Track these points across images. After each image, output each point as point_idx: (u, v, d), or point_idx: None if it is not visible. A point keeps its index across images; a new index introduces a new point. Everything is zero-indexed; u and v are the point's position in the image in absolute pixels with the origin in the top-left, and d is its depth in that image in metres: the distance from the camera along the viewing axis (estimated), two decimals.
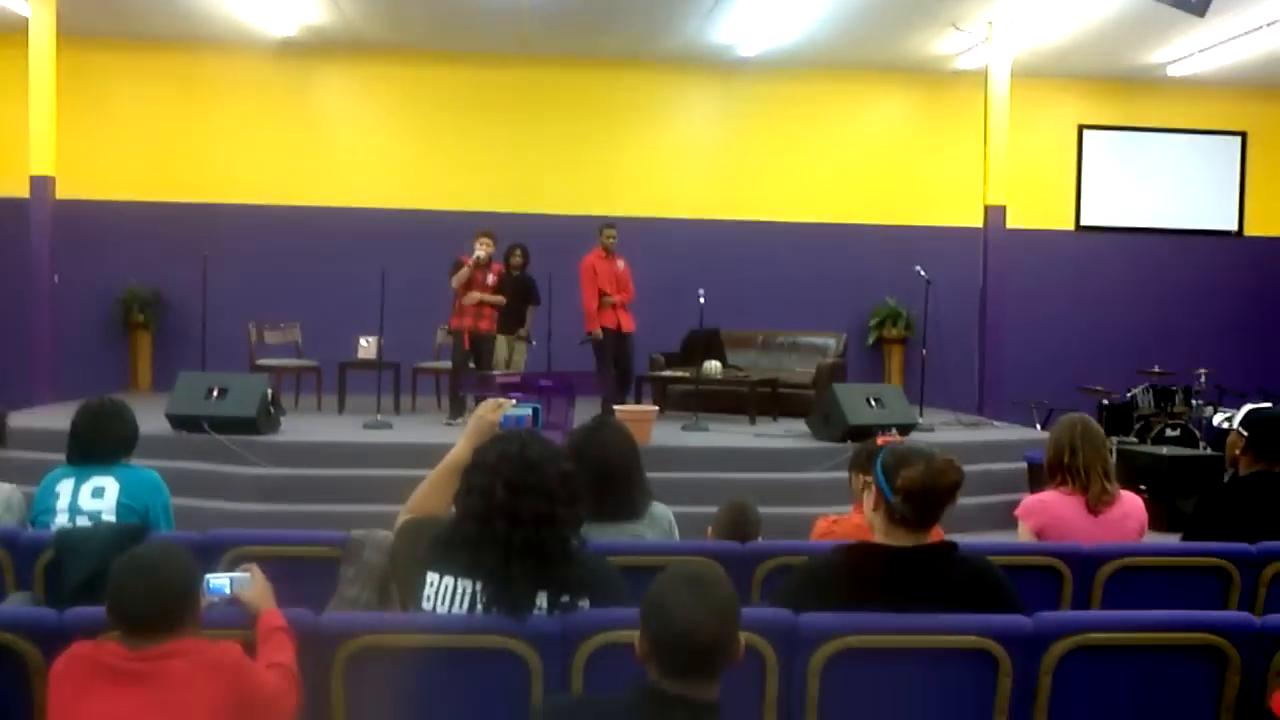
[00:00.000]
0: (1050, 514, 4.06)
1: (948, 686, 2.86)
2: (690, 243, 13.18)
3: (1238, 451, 4.44)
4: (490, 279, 10.17)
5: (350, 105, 13.59)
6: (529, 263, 10.98)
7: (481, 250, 10.07)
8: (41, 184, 11.02)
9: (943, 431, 10.14)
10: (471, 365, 10.21)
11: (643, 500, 3.77)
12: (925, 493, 2.83)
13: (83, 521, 3.97)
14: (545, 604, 2.70)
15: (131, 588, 2.52)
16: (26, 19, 10.94)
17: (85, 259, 12.26)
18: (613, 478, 3.65)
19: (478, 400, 7.56)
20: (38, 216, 11.06)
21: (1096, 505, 4.01)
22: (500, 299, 10.26)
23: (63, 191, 11.30)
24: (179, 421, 8.62)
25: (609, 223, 10.79)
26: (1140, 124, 14.29)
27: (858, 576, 2.88)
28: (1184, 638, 2.91)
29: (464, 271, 10.06)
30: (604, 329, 10.37)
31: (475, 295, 10.09)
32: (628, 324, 10.54)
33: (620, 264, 10.59)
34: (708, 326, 11.03)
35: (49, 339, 11.15)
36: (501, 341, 10.71)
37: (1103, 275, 14.08)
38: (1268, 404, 9.34)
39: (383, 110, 13.56)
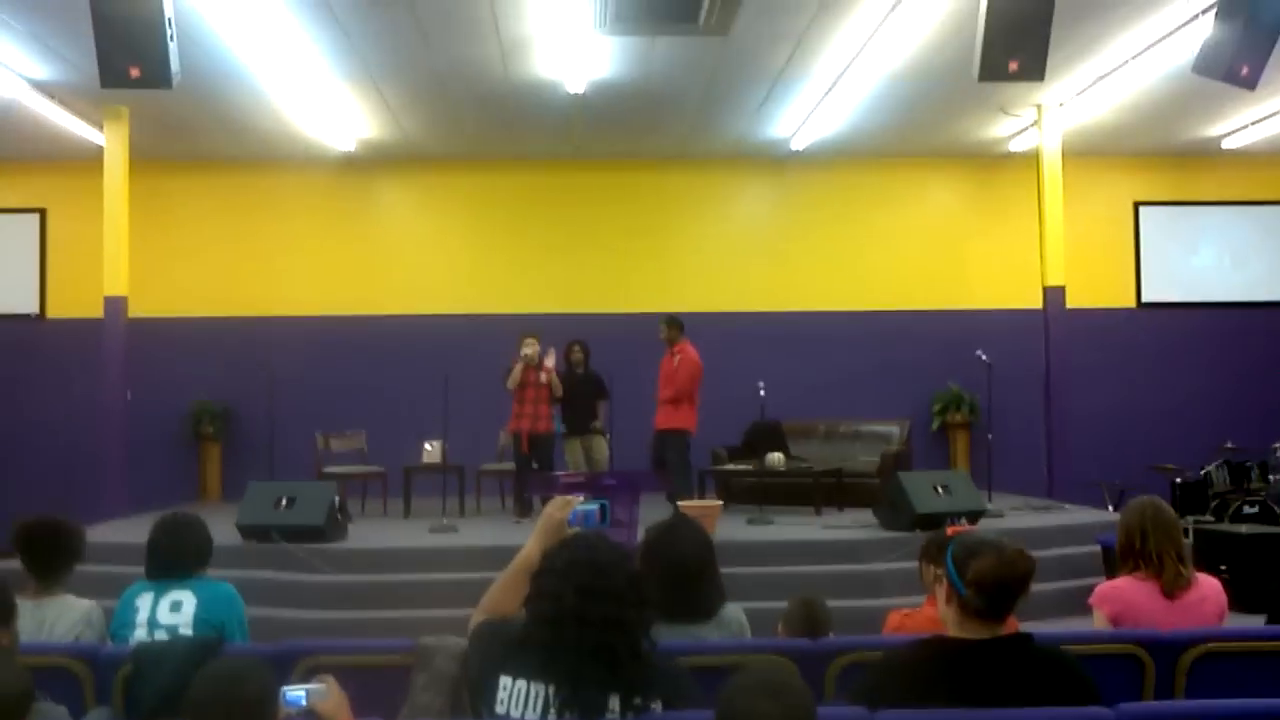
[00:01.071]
0: (1125, 601, 3.97)
1: None
2: (748, 335, 13.22)
3: None
4: (543, 376, 10.28)
5: (409, 215, 13.92)
6: (589, 357, 11.06)
7: (529, 349, 10.20)
8: (114, 304, 11.34)
9: (1013, 517, 9.97)
10: (534, 466, 10.26)
11: (715, 601, 3.72)
12: (998, 584, 2.80)
13: (160, 636, 4.00)
14: (618, 707, 2.69)
15: (211, 701, 2.53)
16: (102, 147, 11.38)
17: (156, 375, 12.55)
18: (686, 577, 3.63)
19: (544, 500, 7.58)
20: (111, 335, 11.36)
21: (1172, 590, 3.93)
22: (557, 386, 10.36)
23: (134, 310, 11.60)
24: (249, 531, 8.74)
25: (661, 317, 10.97)
26: (1196, 198, 14.21)
27: (933, 672, 2.84)
28: None
29: (516, 370, 10.19)
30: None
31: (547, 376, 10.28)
32: (661, 420, 10.62)
33: (675, 359, 10.64)
34: (769, 418, 11.01)
35: (122, 454, 11.37)
36: (577, 445, 10.78)
37: (1168, 351, 13.88)
38: None
39: (441, 219, 13.87)
